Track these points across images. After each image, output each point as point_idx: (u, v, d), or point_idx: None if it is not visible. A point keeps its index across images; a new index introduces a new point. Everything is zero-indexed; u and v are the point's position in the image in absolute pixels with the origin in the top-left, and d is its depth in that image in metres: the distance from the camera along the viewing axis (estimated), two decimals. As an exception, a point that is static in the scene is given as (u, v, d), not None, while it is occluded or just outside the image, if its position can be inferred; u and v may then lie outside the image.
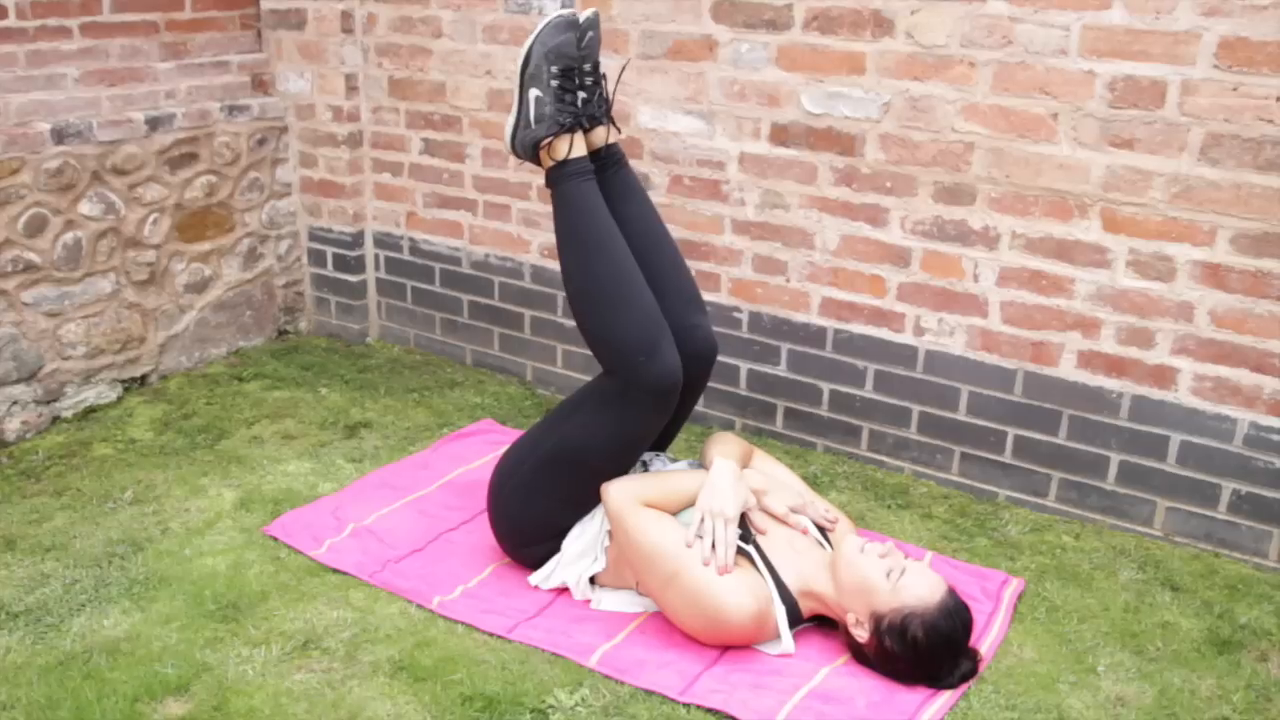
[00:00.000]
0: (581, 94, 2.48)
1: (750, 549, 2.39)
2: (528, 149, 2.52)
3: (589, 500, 2.52)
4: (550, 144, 2.49)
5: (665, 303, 2.52)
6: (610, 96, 2.56)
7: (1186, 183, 2.62)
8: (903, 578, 2.23)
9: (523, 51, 2.47)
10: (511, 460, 2.62)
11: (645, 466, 2.65)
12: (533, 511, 2.57)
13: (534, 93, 2.46)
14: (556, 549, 2.58)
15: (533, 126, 2.48)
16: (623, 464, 2.52)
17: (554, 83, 2.44)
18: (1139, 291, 2.75)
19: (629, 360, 2.42)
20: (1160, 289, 2.72)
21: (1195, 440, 2.76)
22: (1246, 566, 2.74)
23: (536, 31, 2.45)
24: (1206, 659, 2.38)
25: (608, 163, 2.59)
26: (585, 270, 2.49)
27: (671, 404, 2.48)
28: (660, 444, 2.74)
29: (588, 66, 2.48)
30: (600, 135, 2.57)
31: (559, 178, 2.51)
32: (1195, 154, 2.59)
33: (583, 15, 2.47)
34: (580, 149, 2.51)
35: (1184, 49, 2.54)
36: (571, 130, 2.47)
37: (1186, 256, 2.67)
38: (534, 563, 2.62)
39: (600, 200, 2.52)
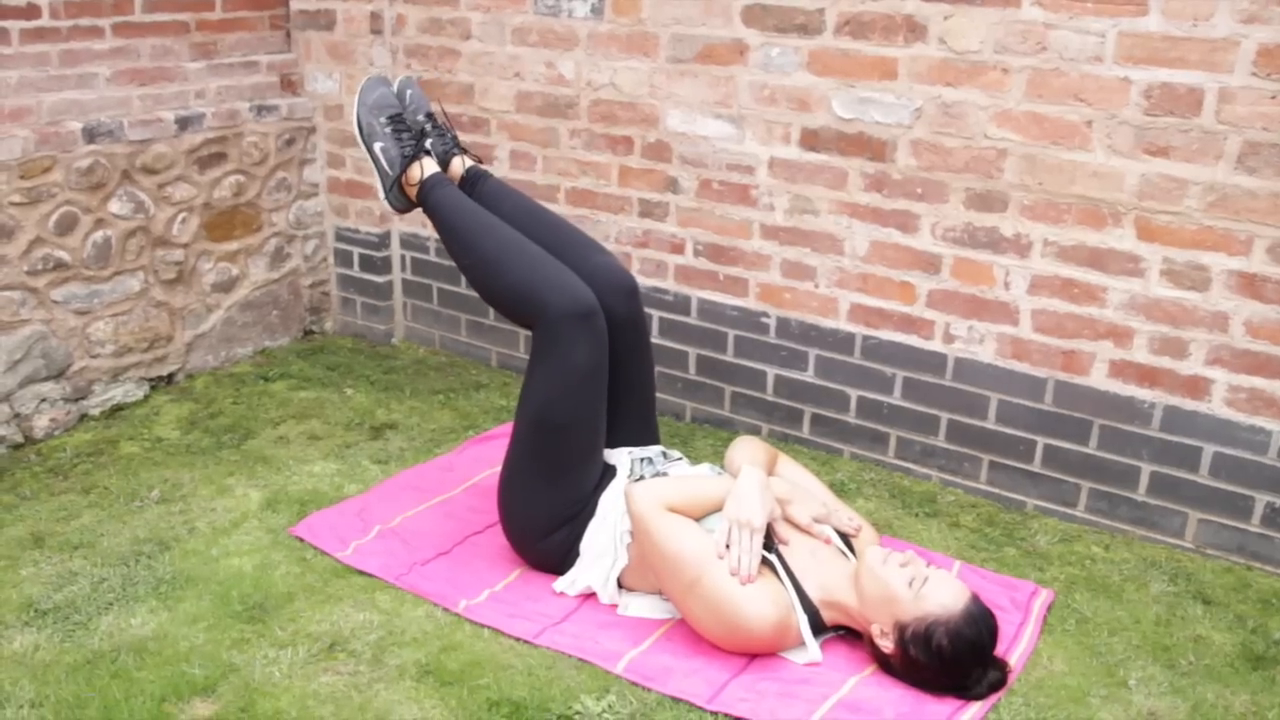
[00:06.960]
0: (427, 139, 2.77)
1: (772, 558, 2.38)
2: (399, 197, 2.78)
3: (576, 464, 2.56)
4: (406, 177, 2.74)
5: (564, 257, 2.63)
6: (452, 130, 2.85)
7: (1223, 191, 2.59)
8: (925, 586, 2.22)
9: (353, 124, 2.79)
10: (504, 460, 2.65)
11: (651, 465, 2.66)
12: (531, 498, 2.59)
13: (378, 146, 2.76)
14: (569, 545, 2.58)
15: (390, 174, 2.75)
16: (589, 411, 2.55)
17: (387, 129, 2.75)
18: (1173, 301, 2.72)
19: (536, 301, 2.51)
20: (1195, 299, 2.69)
21: (1228, 452, 2.73)
22: (1280, 580, 2.72)
23: (355, 103, 2.77)
24: (1240, 674, 2.35)
25: (475, 182, 2.80)
26: (472, 252, 2.63)
27: (599, 328, 2.52)
28: (644, 430, 2.76)
29: (421, 117, 2.81)
30: (458, 166, 2.82)
31: (423, 196, 2.73)
32: (1232, 162, 2.56)
33: (395, 79, 2.86)
34: (431, 168, 2.75)
35: (1222, 56, 2.51)
36: (416, 157, 2.74)
37: (1222, 266, 2.64)
38: (551, 563, 2.62)
39: (461, 195, 2.72)
